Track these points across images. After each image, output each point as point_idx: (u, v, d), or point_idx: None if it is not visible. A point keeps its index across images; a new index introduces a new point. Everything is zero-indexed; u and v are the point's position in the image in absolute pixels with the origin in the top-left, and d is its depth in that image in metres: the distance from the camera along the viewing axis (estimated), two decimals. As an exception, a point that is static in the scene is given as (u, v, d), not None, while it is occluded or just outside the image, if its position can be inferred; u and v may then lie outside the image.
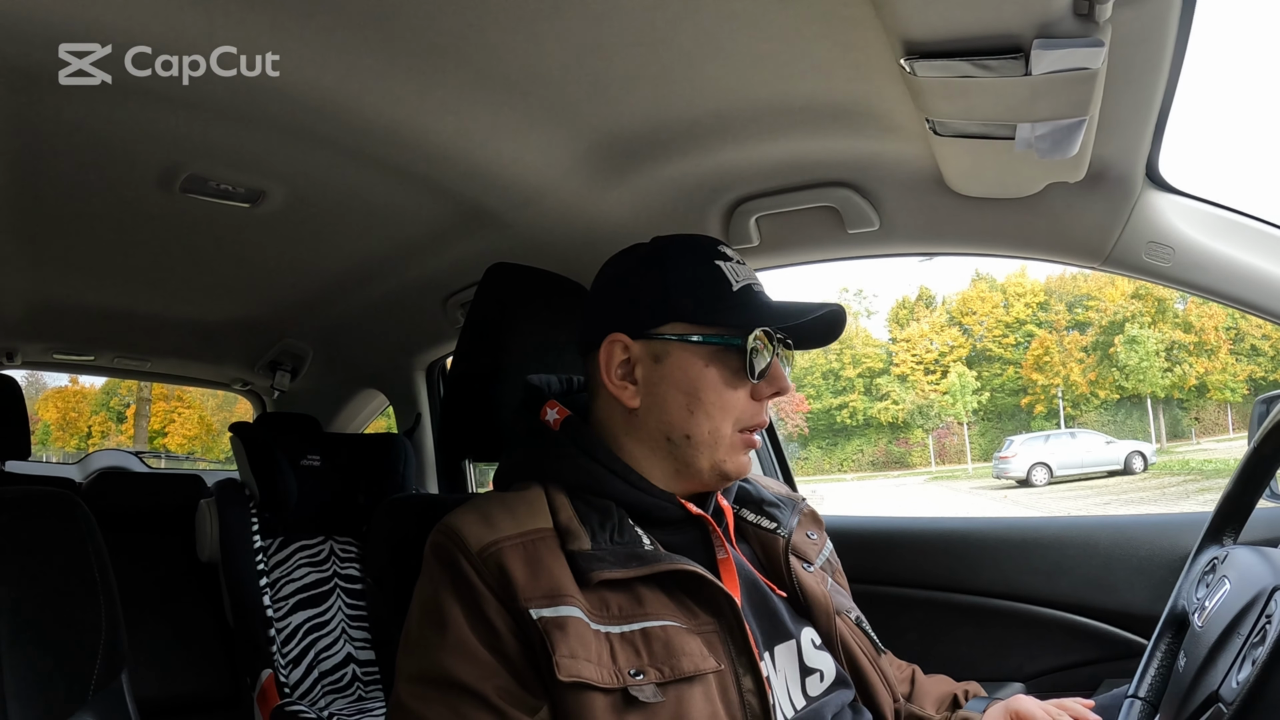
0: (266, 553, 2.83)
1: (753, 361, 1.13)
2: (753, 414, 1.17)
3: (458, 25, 1.32)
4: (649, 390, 1.16)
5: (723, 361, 1.14)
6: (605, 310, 1.21)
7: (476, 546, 1.03)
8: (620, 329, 1.17)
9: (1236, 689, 0.92)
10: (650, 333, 1.16)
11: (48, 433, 33.04)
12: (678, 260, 1.19)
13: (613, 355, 1.17)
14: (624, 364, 1.17)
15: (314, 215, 2.12)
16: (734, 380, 1.14)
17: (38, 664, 1.19)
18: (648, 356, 1.16)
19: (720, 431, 1.14)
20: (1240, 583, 1.09)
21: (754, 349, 1.13)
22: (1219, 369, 24.99)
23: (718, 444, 1.14)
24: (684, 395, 1.14)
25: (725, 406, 1.14)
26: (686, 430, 1.14)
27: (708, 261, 1.18)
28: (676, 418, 1.15)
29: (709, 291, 1.16)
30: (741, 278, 1.18)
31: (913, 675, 1.39)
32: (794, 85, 1.47)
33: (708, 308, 1.15)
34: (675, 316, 1.15)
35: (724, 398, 1.14)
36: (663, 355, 1.15)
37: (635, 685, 0.98)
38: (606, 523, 1.10)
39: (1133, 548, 1.81)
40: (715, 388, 1.14)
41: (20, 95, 1.46)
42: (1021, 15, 1.04)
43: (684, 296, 1.16)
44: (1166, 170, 1.57)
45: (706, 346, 1.14)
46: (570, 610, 1.00)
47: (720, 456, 1.15)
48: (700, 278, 1.17)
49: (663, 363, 1.15)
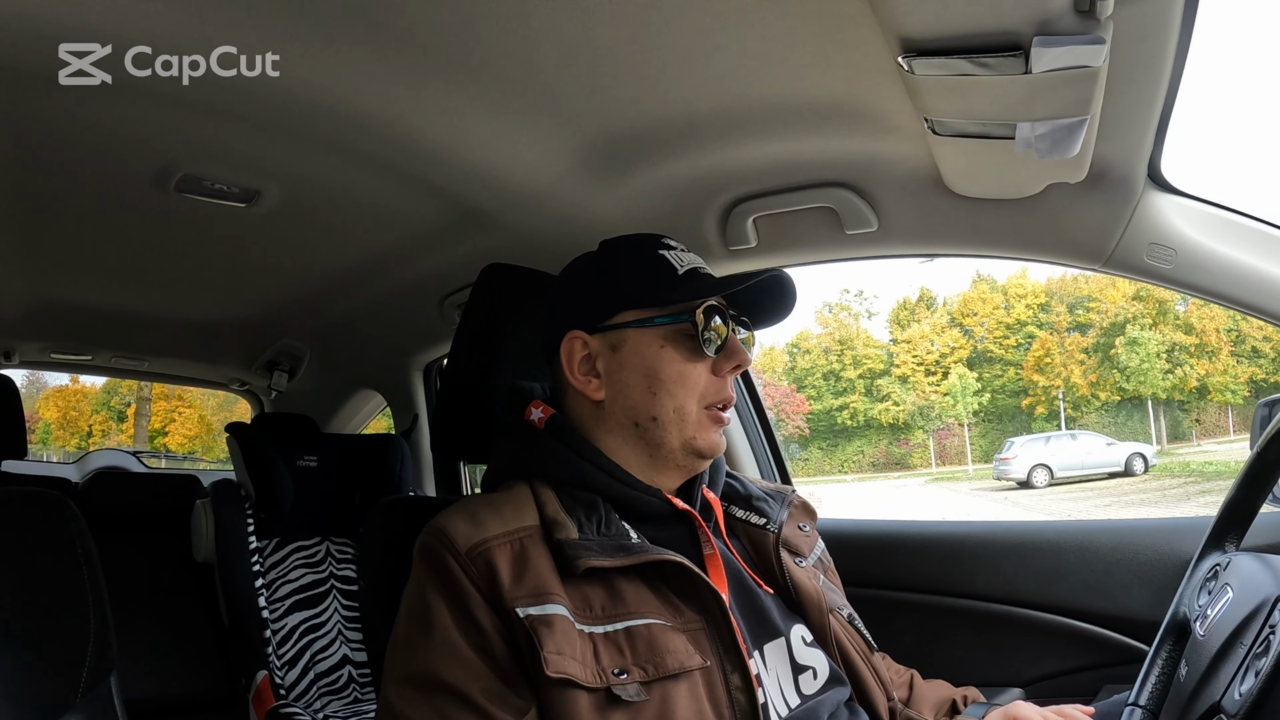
0: (262, 553, 2.82)
1: (705, 334, 1.17)
2: (716, 389, 1.19)
3: (453, 25, 1.31)
4: (611, 379, 1.20)
5: (677, 340, 1.18)
6: (561, 313, 1.25)
7: (465, 546, 1.05)
8: (576, 326, 1.22)
9: (1239, 701, 0.91)
10: (605, 325, 1.21)
11: (48, 432, 33.10)
12: (623, 256, 1.25)
13: (573, 352, 1.22)
14: (585, 360, 1.22)
15: (309, 215, 2.12)
16: (691, 357, 1.18)
17: (25, 665, 1.18)
18: (605, 348, 1.21)
19: (685, 408, 1.17)
20: (1243, 591, 1.08)
21: (706, 323, 1.17)
22: (1220, 371, 25.02)
23: (684, 421, 1.17)
24: (644, 377, 1.18)
25: (686, 383, 1.17)
26: (652, 411, 1.17)
27: (651, 252, 1.23)
28: (640, 400, 1.17)
29: (655, 277, 1.21)
30: (686, 263, 1.23)
31: (911, 680, 1.39)
32: (790, 84, 1.46)
33: (655, 291, 1.19)
34: (626, 305, 1.20)
35: (683, 374, 1.17)
36: (619, 344, 1.20)
37: (618, 684, 0.98)
38: (593, 515, 1.12)
39: (1133, 552, 1.80)
40: (673, 365, 1.17)
41: (17, 95, 1.46)
42: (1021, 12, 1.03)
43: (632, 285, 1.21)
44: (1168, 171, 1.56)
45: (659, 327, 1.19)
46: (556, 608, 1.01)
47: (689, 434, 1.17)
48: (646, 267, 1.22)
49: (620, 350, 1.20)
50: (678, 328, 1.18)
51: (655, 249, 1.24)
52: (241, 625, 2.68)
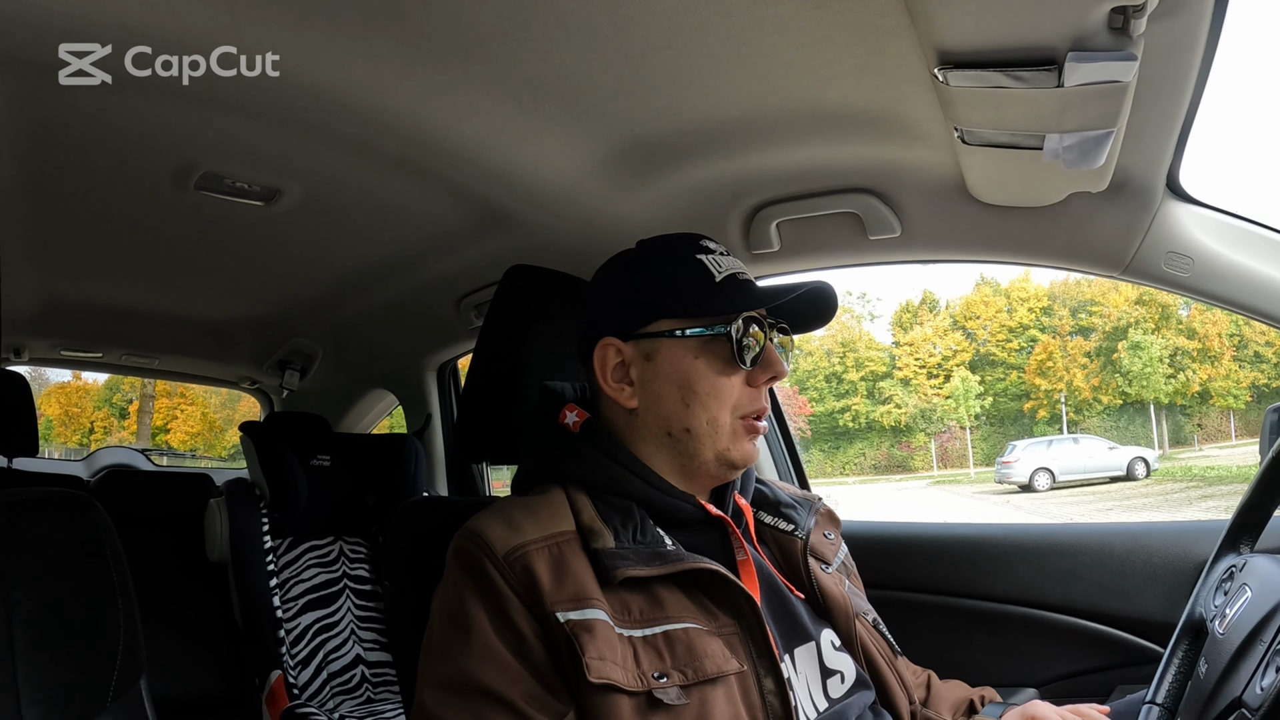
0: (276, 553, 2.83)
1: (741, 348, 1.15)
2: (750, 400, 1.18)
3: (482, 26, 1.32)
4: (644, 388, 1.18)
5: (712, 351, 1.16)
6: (595, 317, 1.23)
7: (502, 550, 1.04)
8: (610, 333, 1.20)
9: (1261, 695, 0.93)
10: (639, 332, 1.19)
11: (50, 428, 32.97)
12: (659, 259, 1.22)
13: (607, 359, 1.20)
14: (619, 366, 1.20)
15: (330, 214, 2.12)
16: (725, 368, 1.16)
17: (54, 669, 1.17)
18: (639, 356, 1.19)
19: (718, 420, 1.16)
20: (1261, 591, 1.09)
21: (742, 335, 1.15)
22: (1222, 376, 24.92)
23: (718, 433, 1.16)
24: (677, 389, 1.16)
25: (720, 395, 1.16)
26: (685, 423, 1.16)
27: (689, 257, 1.20)
28: (673, 412, 1.16)
29: (691, 285, 1.18)
30: (725, 268, 1.20)
31: (928, 680, 1.39)
32: (821, 91, 1.47)
33: (691, 300, 1.17)
34: (661, 314, 1.18)
35: (717, 386, 1.15)
36: (653, 353, 1.18)
37: (659, 688, 0.99)
38: (629, 522, 1.12)
39: (1147, 555, 1.81)
40: (707, 377, 1.16)
41: (30, 92, 1.46)
42: (1057, 28, 1.05)
43: (667, 293, 1.18)
44: (1187, 181, 1.58)
45: (694, 339, 1.16)
46: (596, 613, 1.01)
47: (723, 445, 1.16)
48: (682, 273, 1.19)
49: (654, 360, 1.18)
50: (713, 339, 1.16)
51: (693, 252, 1.21)
52: (255, 625, 2.69)
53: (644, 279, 1.21)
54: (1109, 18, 1.01)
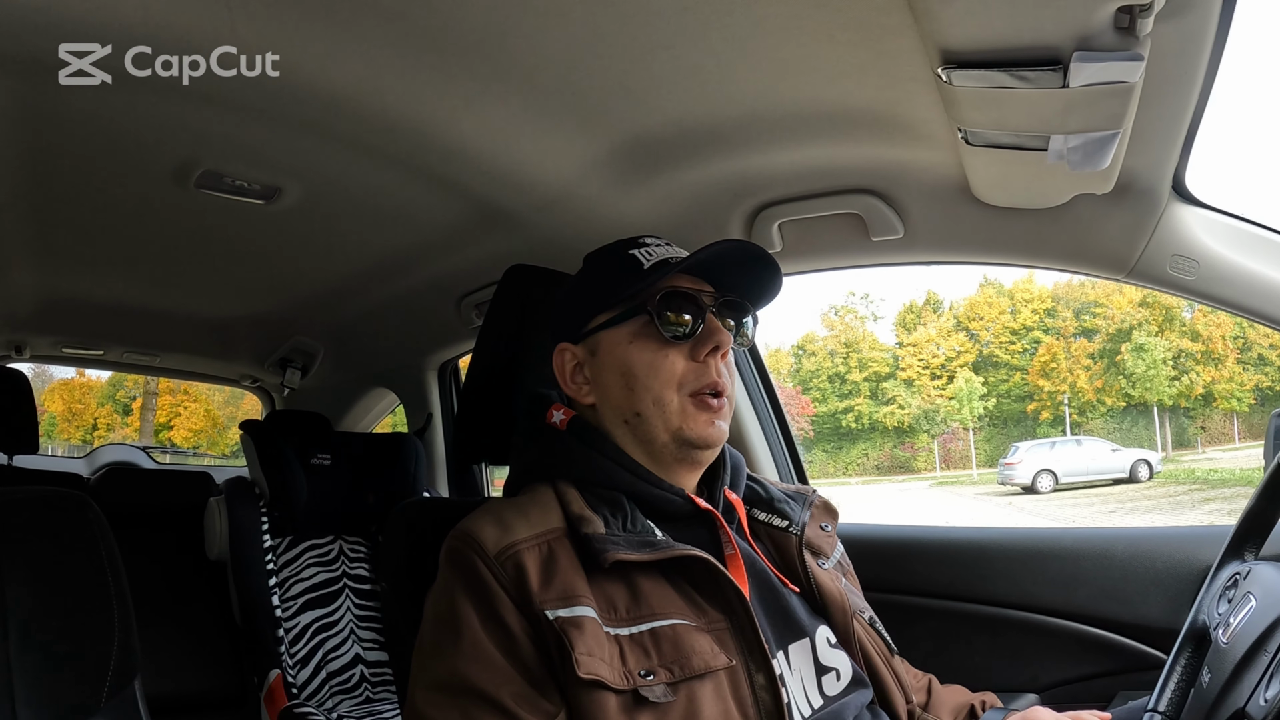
0: (276, 552, 2.83)
1: (664, 321, 1.18)
2: (696, 375, 1.18)
3: (481, 24, 1.32)
4: (596, 382, 1.22)
5: (646, 334, 1.18)
6: (553, 328, 1.28)
7: (494, 550, 1.05)
8: (563, 338, 1.26)
9: (1265, 706, 0.92)
10: (583, 332, 1.23)
11: (53, 425, 33.07)
12: (597, 262, 1.28)
13: (564, 363, 1.25)
14: (576, 368, 1.24)
15: (330, 213, 2.12)
16: (662, 346, 1.17)
17: (49, 669, 1.18)
18: (588, 354, 1.23)
19: (663, 398, 1.16)
20: (1266, 599, 1.08)
21: (662, 310, 1.18)
22: (1226, 378, 24.87)
23: (667, 412, 1.16)
24: (619, 375, 1.19)
25: (660, 373, 1.17)
26: (634, 408, 1.18)
27: (622, 253, 1.24)
28: (621, 399, 1.19)
29: (621, 276, 1.21)
30: (657, 256, 1.23)
31: (929, 685, 1.39)
32: (824, 91, 1.47)
33: (620, 290, 1.20)
34: (597, 310, 1.22)
35: (655, 366, 1.17)
36: (596, 348, 1.22)
37: (645, 685, 0.99)
38: (618, 512, 1.13)
39: (1149, 560, 1.80)
40: (643, 358, 1.17)
41: (31, 91, 1.46)
42: (1062, 28, 1.04)
43: (599, 289, 1.23)
44: (1193, 183, 1.57)
45: (626, 325, 1.20)
46: (585, 610, 1.01)
47: (675, 424, 1.16)
48: (613, 268, 1.23)
49: (598, 354, 1.22)
50: (643, 320, 1.19)
51: (628, 248, 1.25)
52: (254, 624, 2.68)
53: (582, 282, 1.28)
54: (1115, 17, 1.01)
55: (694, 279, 1.22)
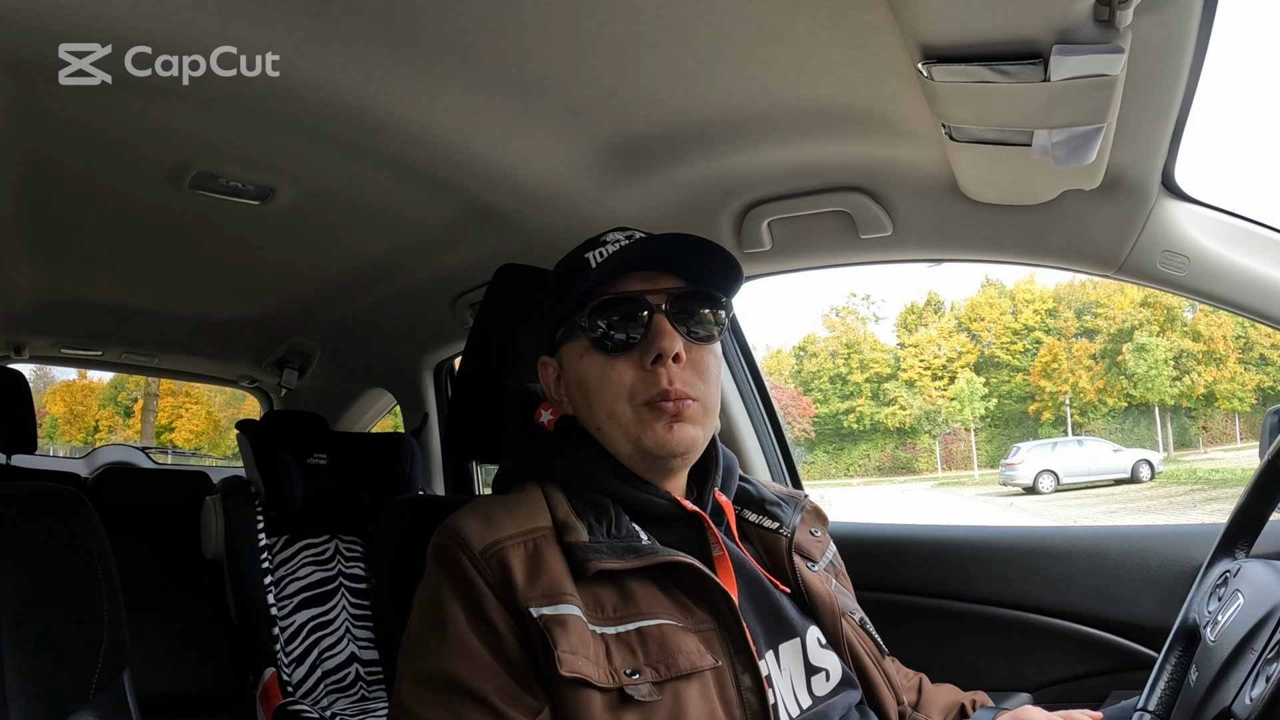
0: (271, 551, 2.83)
1: (601, 335, 1.15)
2: (646, 386, 1.13)
3: (469, 25, 1.32)
4: (569, 394, 1.21)
5: (591, 349, 1.16)
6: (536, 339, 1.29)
7: (479, 546, 1.04)
8: (545, 350, 1.26)
9: (1250, 705, 0.91)
10: (554, 344, 1.23)
11: (55, 426, 33.14)
12: (559, 268, 1.25)
13: (547, 376, 1.25)
14: (557, 380, 1.23)
15: (324, 214, 2.13)
16: (609, 360, 1.14)
17: (39, 662, 1.18)
18: (560, 367, 1.22)
19: (615, 411, 1.14)
20: (1254, 597, 1.08)
21: (597, 324, 1.15)
22: (1227, 378, 24.86)
23: (620, 423, 1.14)
24: (579, 390, 1.18)
25: (608, 387, 1.14)
26: (595, 422, 1.17)
27: (578, 256, 1.21)
28: (584, 412, 1.18)
29: (570, 286, 1.18)
30: (609, 256, 1.17)
31: (920, 684, 1.38)
32: (809, 89, 1.47)
33: (569, 301, 1.17)
34: (558, 322, 1.21)
35: (604, 379, 1.14)
36: (563, 361, 1.21)
37: (631, 684, 0.98)
38: (603, 517, 1.12)
39: (1142, 559, 1.79)
40: (593, 372, 1.15)
41: (28, 92, 1.46)
42: (1041, 21, 1.04)
43: (556, 301, 1.21)
44: (1182, 179, 1.56)
45: (576, 339, 1.18)
46: (569, 608, 1.01)
47: (633, 434, 1.14)
48: (567, 275, 1.20)
49: (565, 367, 1.21)
50: (588, 333, 1.16)
51: (585, 250, 1.21)
52: (250, 622, 2.69)
53: (549, 293, 1.26)
54: (1094, 9, 1.01)
55: (646, 276, 1.17)
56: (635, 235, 1.22)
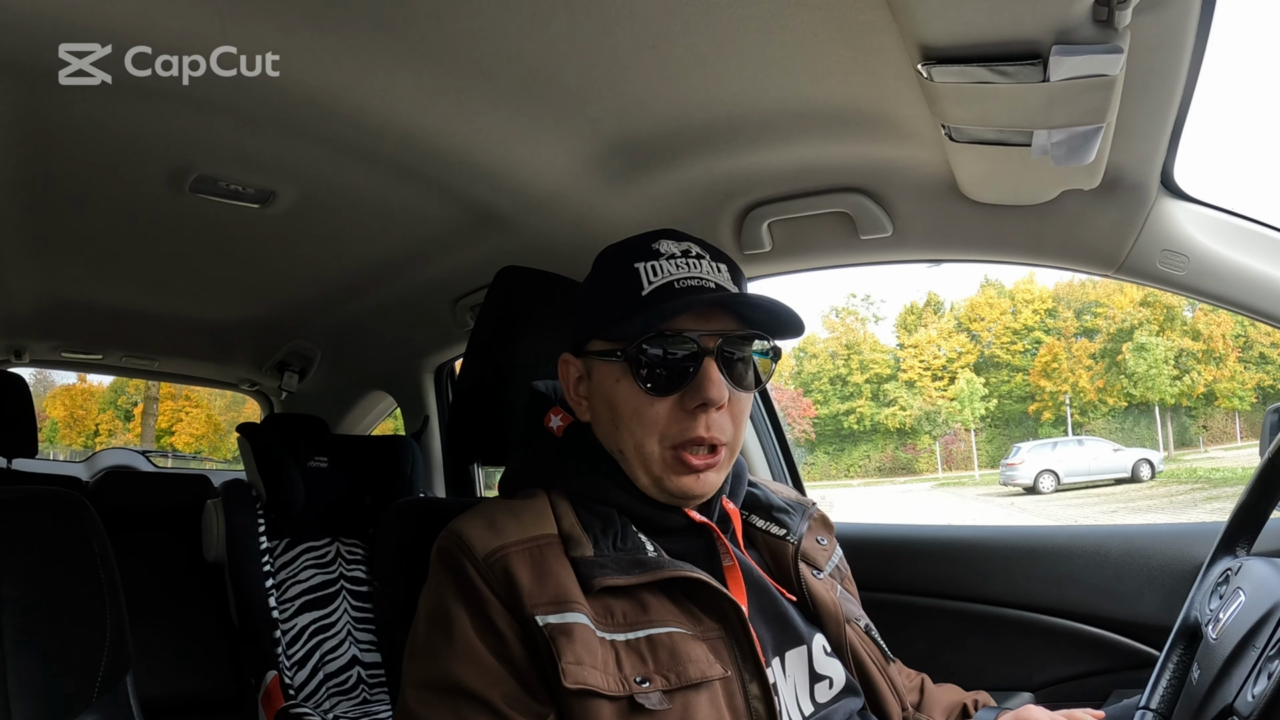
0: (273, 554, 2.82)
1: (647, 374, 1.09)
2: (681, 430, 1.09)
3: (470, 27, 1.32)
4: (591, 404, 1.18)
5: (633, 376, 1.10)
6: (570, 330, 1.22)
7: (483, 552, 1.04)
8: (569, 348, 1.20)
9: (1252, 702, 0.92)
10: (583, 349, 1.18)
11: (55, 430, 33.14)
12: (603, 269, 1.19)
13: (568, 374, 1.20)
14: (578, 381, 1.19)
15: (324, 216, 2.12)
16: (649, 395, 1.10)
17: (42, 665, 1.18)
18: (585, 372, 1.18)
19: (645, 448, 1.11)
20: (1255, 595, 1.08)
21: (646, 362, 1.09)
22: (1227, 377, 24.88)
23: (647, 460, 1.11)
24: (608, 410, 1.14)
25: (643, 421, 1.10)
26: (618, 444, 1.14)
27: (627, 265, 1.14)
28: (608, 432, 1.15)
29: (616, 300, 1.13)
30: (661, 276, 1.12)
31: (922, 684, 1.38)
32: (808, 90, 1.47)
33: (613, 319, 1.12)
34: (593, 331, 1.16)
35: (640, 413, 1.10)
36: (591, 371, 1.17)
37: (641, 693, 0.98)
38: (609, 530, 1.11)
39: (1144, 557, 1.80)
40: (629, 403, 1.11)
41: (28, 94, 1.46)
42: (1040, 21, 1.04)
43: (597, 310, 1.16)
44: (1181, 178, 1.57)
45: (616, 361, 1.12)
46: (576, 617, 1.00)
47: (656, 474, 1.11)
48: (613, 286, 1.14)
49: (592, 378, 1.17)
50: (633, 362, 1.10)
51: (634, 259, 1.14)
52: (251, 625, 2.68)
53: (587, 292, 1.20)
54: (1093, 10, 1.01)
55: (703, 313, 1.11)
56: (690, 249, 1.16)
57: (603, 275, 1.18)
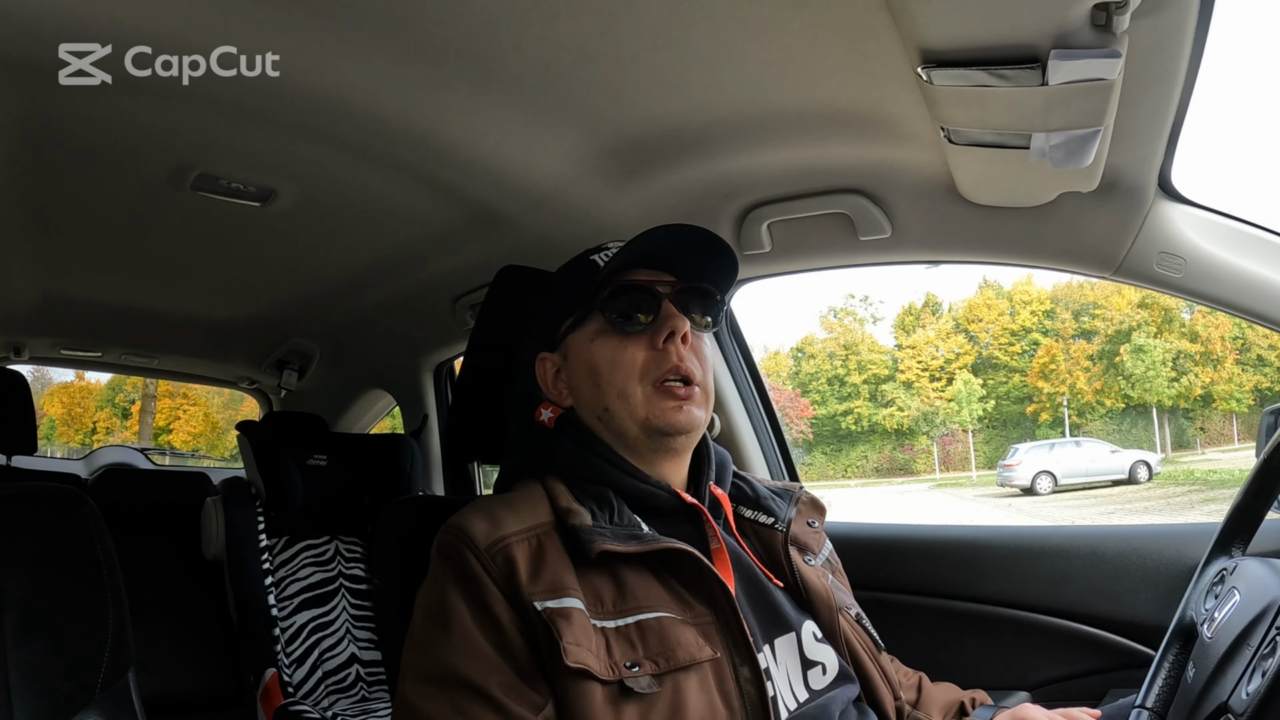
0: (272, 552, 2.83)
1: (617, 314, 1.21)
2: (659, 362, 1.19)
3: (471, 27, 1.32)
4: (570, 384, 1.25)
5: (605, 330, 1.21)
6: (534, 342, 1.31)
7: (485, 543, 1.06)
8: (542, 348, 1.29)
9: (1246, 700, 0.92)
10: (556, 339, 1.28)
11: (53, 428, 33.05)
12: (562, 272, 1.32)
13: (545, 372, 1.28)
14: (556, 375, 1.27)
15: (325, 215, 2.13)
16: (622, 342, 1.20)
17: (44, 661, 1.19)
18: (562, 360, 1.27)
19: (627, 390, 1.18)
20: (1250, 594, 1.08)
21: (615, 304, 1.21)
22: (1225, 379, 24.83)
23: (632, 402, 1.18)
24: (587, 374, 1.22)
25: (621, 366, 1.19)
26: (603, 403, 1.20)
27: (582, 260, 1.28)
28: (591, 397, 1.21)
29: (580, 283, 1.25)
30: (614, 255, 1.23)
31: (919, 682, 1.39)
32: (808, 92, 1.48)
33: (579, 295, 1.25)
34: (563, 316, 1.27)
35: (617, 359, 1.19)
36: (567, 351, 1.26)
37: (631, 677, 1.00)
38: (604, 506, 1.14)
39: (1140, 557, 1.80)
40: (605, 354, 1.20)
41: (28, 94, 1.47)
42: (1039, 26, 1.05)
43: (563, 296, 1.28)
44: (1179, 181, 1.57)
45: (587, 325, 1.23)
46: (572, 602, 1.03)
47: (641, 414, 1.18)
48: (575, 275, 1.27)
49: (569, 357, 1.26)
50: (600, 318, 1.22)
51: (589, 255, 1.28)
52: (250, 623, 2.69)
53: (552, 293, 1.32)
54: (1091, 14, 1.02)
55: (651, 271, 1.24)
56: None
57: (563, 275, 1.32)
